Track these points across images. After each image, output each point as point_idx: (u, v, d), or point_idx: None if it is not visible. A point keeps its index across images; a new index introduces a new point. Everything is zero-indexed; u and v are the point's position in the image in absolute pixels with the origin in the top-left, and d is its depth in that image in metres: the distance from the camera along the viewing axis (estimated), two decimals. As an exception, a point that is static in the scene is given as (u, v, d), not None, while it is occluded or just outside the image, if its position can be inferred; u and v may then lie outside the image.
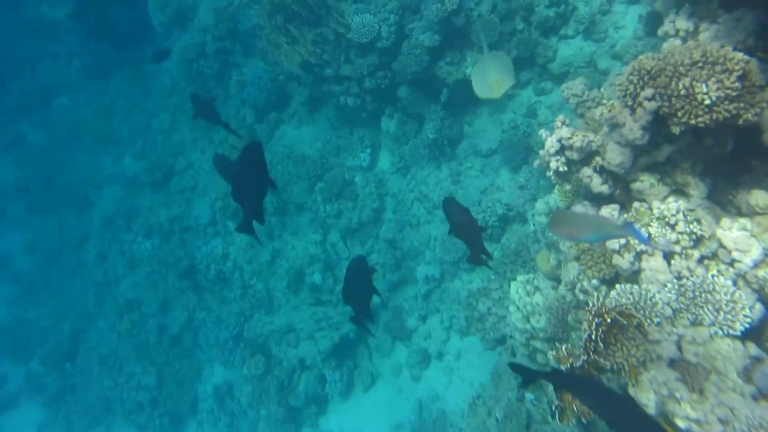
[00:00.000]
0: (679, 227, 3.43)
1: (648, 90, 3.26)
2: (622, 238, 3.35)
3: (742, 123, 3.24)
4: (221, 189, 9.32)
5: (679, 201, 3.55)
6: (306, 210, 8.67)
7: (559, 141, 3.68)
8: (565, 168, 3.78)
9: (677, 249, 3.45)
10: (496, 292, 6.16)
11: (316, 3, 7.05)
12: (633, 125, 3.39)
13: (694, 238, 3.42)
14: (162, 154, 10.80)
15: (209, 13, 10.01)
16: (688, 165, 3.62)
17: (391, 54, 7.41)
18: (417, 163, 8.04)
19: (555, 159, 3.75)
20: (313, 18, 7.24)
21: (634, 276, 3.58)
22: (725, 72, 3.14)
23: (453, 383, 7.03)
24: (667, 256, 3.52)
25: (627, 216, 3.69)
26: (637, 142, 3.42)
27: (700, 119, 3.17)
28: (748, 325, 3.16)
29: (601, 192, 3.81)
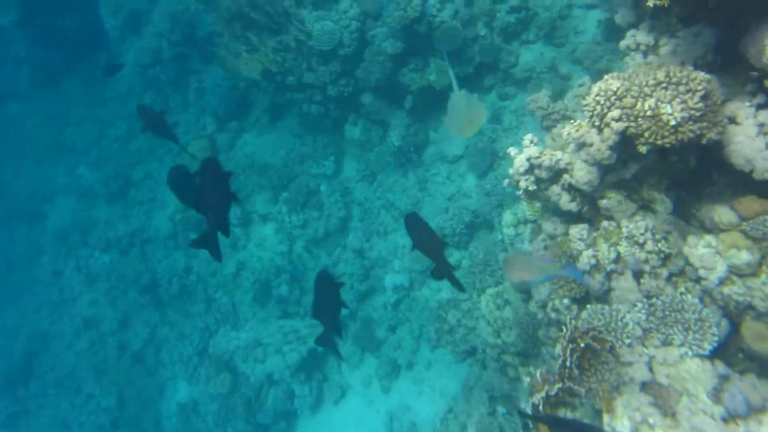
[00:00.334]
0: (648, 246, 3.44)
1: (615, 111, 3.24)
2: (563, 278, 3.80)
3: (705, 142, 3.26)
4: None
5: (647, 219, 3.56)
6: (271, 220, 8.47)
7: (528, 160, 3.64)
8: (535, 187, 3.74)
9: (646, 268, 3.46)
10: (465, 303, 6.12)
11: (275, 10, 6.86)
12: (601, 145, 3.37)
13: (662, 256, 3.44)
14: (118, 164, 10.33)
15: (165, 18, 9.64)
16: (654, 181, 3.64)
17: (354, 61, 7.29)
18: (383, 171, 7.95)
19: (524, 178, 3.71)
20: (273, 26, 7.04)
21: (604, 295, 3.58)
22: (689, 93, 3.15)
23: (423, 393, 6.99)
24: (637, 275, 3.52)
25: (596, 234, 3.69)
26: (605, 162, 3.41)
27: (666, 140, 3.17)
28: (716, 344, 3.19)
29: (570, 209, 3.79)
